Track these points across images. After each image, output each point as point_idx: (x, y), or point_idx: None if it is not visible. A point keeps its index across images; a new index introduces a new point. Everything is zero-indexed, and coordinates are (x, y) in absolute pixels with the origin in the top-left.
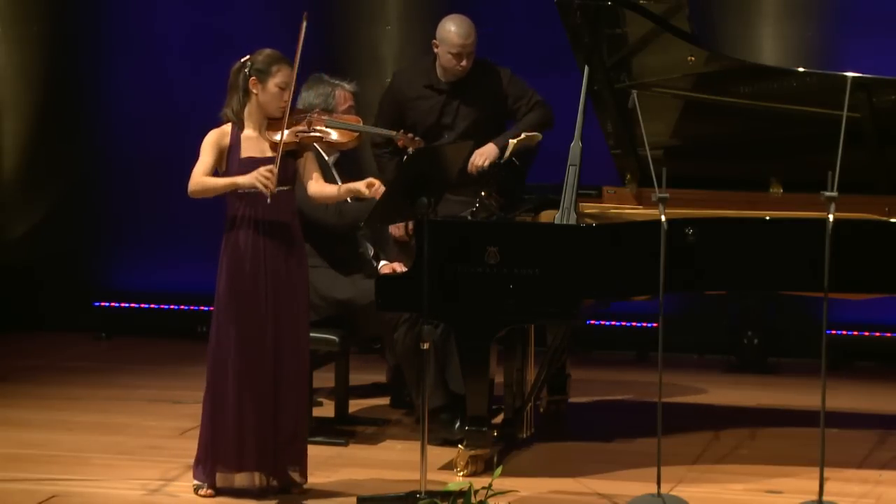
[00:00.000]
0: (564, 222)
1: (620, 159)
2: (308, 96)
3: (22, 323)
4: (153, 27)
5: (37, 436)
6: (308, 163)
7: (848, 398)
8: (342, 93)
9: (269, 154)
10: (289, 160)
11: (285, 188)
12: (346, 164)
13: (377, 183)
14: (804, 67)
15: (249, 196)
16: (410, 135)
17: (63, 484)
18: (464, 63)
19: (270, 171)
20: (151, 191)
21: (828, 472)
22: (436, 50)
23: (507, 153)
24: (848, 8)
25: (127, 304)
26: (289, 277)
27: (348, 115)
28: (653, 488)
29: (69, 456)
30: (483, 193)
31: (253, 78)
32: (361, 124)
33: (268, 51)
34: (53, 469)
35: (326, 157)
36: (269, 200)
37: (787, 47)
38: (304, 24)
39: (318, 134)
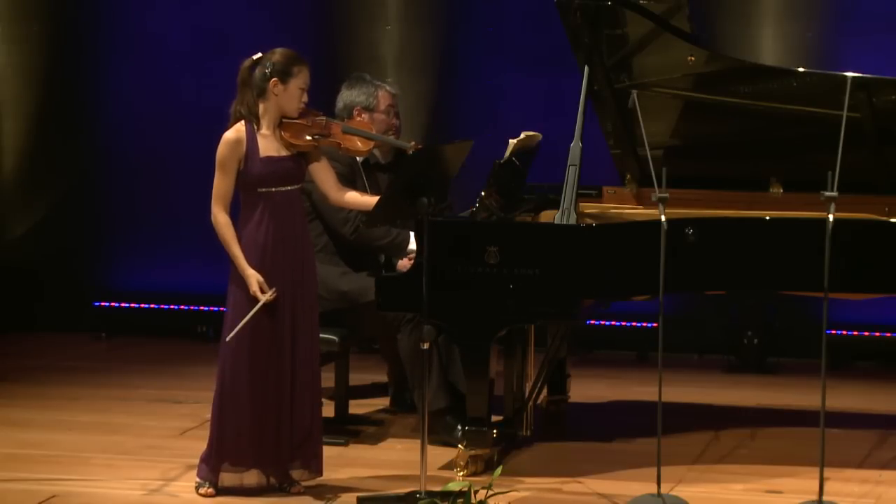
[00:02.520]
0: (564, 222)
1: (620, 159)
2: (350, 95)
3: (22, 323)
4: (153, 27)
5: (37, 436)
6: (324, 170)
7: (848, 398)
8: (384, 93)
9: (285, 153)
10: (300, 160)
11: (294, 187)
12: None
13: None
14: (804, 67)
15: (263, 195)
16: (421, 146)
17: (63, 484)
18: None
19: (263, 289)
20: (151, 191)
21: (828, 472)
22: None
23: (507, 153)
24: (848, 8)
25: (127, 304)
26: (302, 273)
27: (360, 122)
28: (653, 488)
29: (69, 456)
30: (483, 193)
31: (275, 79)
32: (374, 132)
33: (285, 51)
34: (53, 469)
35: (358, 158)
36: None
37: (787, 47)
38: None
39: (333, 138)
